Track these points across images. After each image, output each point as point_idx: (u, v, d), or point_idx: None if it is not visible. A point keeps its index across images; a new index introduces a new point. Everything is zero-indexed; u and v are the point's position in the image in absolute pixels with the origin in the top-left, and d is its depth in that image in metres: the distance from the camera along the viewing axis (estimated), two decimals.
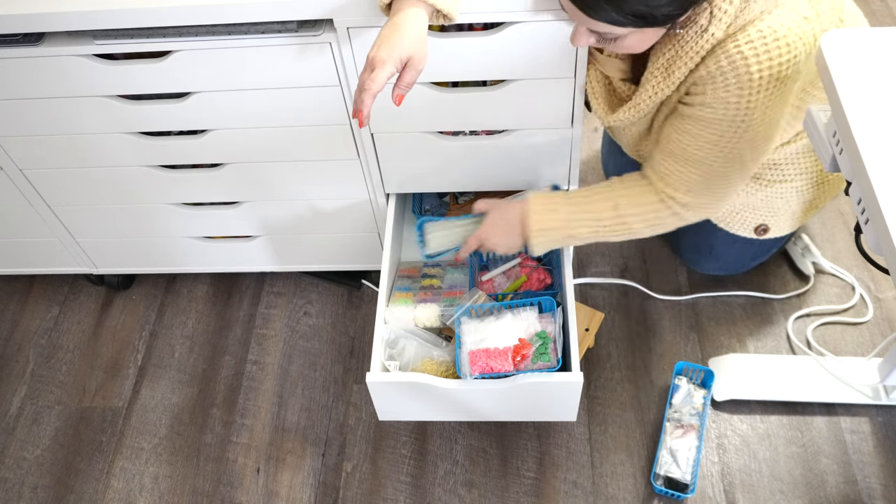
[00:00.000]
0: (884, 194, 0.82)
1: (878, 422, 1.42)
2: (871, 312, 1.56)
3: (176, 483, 1.45)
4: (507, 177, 1.37)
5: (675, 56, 1.03)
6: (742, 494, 1.36)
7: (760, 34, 0.97)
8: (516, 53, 1.12)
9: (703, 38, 0.99)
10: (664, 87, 1.07)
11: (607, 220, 1.20)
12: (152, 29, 1.11)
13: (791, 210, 1.42)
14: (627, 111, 1.15)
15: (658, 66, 1.07)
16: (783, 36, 0.97)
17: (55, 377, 1.63)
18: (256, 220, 1.50)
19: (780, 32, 0.97)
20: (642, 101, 1.11)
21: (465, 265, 1.44)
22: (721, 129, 1.06)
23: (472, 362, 1.19)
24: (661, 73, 1.07)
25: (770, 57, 0.98)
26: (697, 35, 0.99)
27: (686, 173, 1.13)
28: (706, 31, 0.98)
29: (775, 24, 0.97)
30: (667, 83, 1.06)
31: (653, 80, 1.08)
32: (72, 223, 1.53)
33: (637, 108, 1.13)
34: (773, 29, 0.97)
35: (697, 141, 1.09)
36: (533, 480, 1.40)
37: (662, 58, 1.05)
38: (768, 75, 0.99)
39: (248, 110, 1.24)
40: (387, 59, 0.93)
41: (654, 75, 1.08)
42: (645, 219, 1.19)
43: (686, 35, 1.01)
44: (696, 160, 1.11)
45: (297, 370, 1.59)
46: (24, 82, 1.20)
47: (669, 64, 1.05)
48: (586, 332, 1.48)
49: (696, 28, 0.99)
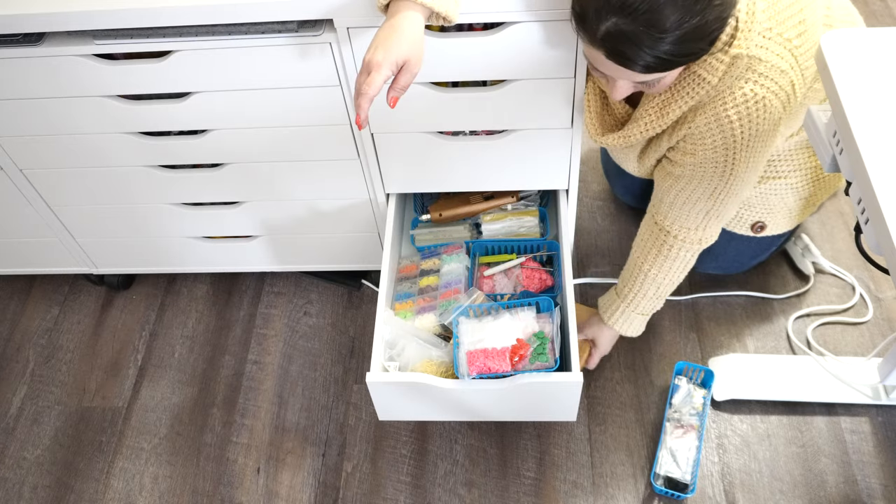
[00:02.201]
0: (884, 194, 0.82)
1: (878, 422, 1.42)
2: (871, 312, 1.56)
3: (176, 483, 1.45)
4: (507, 177, 1.37)
5: (671, 98, 1.08)
6: (742, 494, 1.36)
7: (744, 98, 1.04)
8: (516, 53, 1.12)
9: (699, 84, 1.05)
10: (657, 125, 1.12)
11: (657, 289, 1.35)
12: (152, 29, 1.11)
13: (787, 207, 1.42)
14: (616, 139, 1.19)
15: (653, 105, 1.11)
16: (762, 97, 1.04)
17: (55, 377, 1.63)
18: (256, 220, 1.50)
19: (760, 94, 1.04)
20: (633, 135, 1.16)
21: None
22: (712, 180, 1.15)
23: (470, 362, 1.19)
24: (656, 113, 1.11)
25: (751, 119, 1.06)
26: (694, 82, 1.05)
27: (692, 215, 1.23)
28: (702, 79, 1.04)
29: (756, 86, 1.04)
30: (660, 122, 1.12)
31: (646, 118, 1.12)
32: (72, 223, 1.53)
33: (626, 138, 1.17)
34: (755, 92, 1.04)
35: (692, 189, 1.18)
36: (533, 480, 1.40)
37: (658, 98, 1.10)
38: (749, 135, 1.07)
39: (248, 110, 1.24)
40: (382, 62, 0.93)
41: (647, 113, 1.12)
42: (682, 270, 1.32)
43: (683, 80, 1.06)
44: (696, 203, 1.21)
45: (297, 370, 1.59)
46: (25, 82, 1.20)
47: (665, 105, 1.10)
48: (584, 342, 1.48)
49: (693, 76, 1.04)
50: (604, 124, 1.21)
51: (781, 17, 1.03)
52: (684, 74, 1.05)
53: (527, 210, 1.47)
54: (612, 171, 1.73)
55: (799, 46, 1.05)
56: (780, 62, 1.04)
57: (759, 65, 1.03)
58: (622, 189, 1.73)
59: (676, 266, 1.30)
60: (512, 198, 1.47)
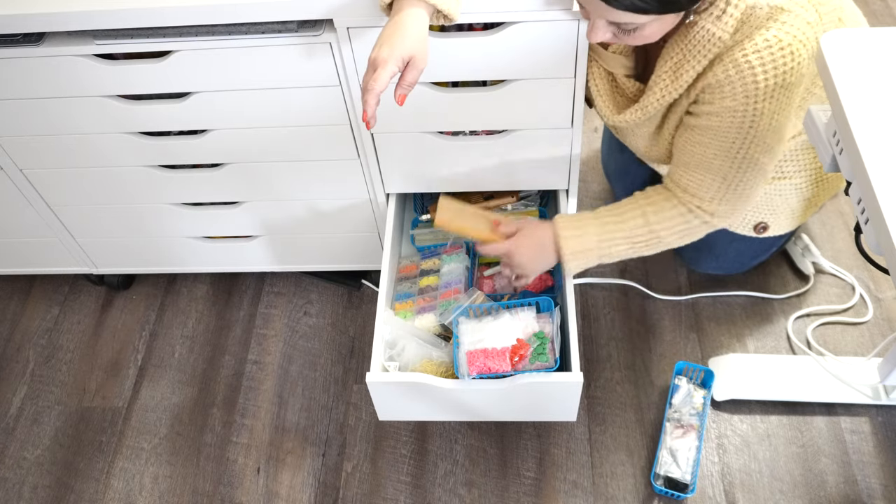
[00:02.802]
0: (884, 194, 0.82)
1: (878, 422, 1.42)
2: (871, 312, 1.56)
3: (176, 483, 1.45)
4: (507, 177, 1.37)
5: (683, 59, 1.04)
6: (742, 494, 1.36)
7: (767, 43, 0.99)
8: (516, 53, 1.12)
9: (710, 41, 1.01)
10: (672, 89, 1.08)
11: (640, 235, 1.21)
12: (152, 29, 1.11)
13: (790, 208, 1.42)
14: (634, 112, 1.15)
15: (666, 70, 1.07)
16: (788, 44, 0.99)
17: (55, 377, 1.63)
18: (256, 220, 1.50)
19: (786, 41, 0.99)
20: (650, 104, 1.12)
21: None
22: (731, 136, 1.07)
23: (470, 362, 1.19)
24: (670, 76, 1.07)
25: (776, 66, 1.00)
26: (704, 39, 1.01)
27: (706, 182, 1.14)
28: (713, 35, 1.00)
29: (780, 32, 0.99)
30: (675, 85, 1.07)
31: (661, 83, 1.09)
32: (72, 223, 1.53)
33: (644, 109, 1.13)
34: (779, 38, 0.98)
35: (710, 150, 1.10)
36: (533, 480, 1.40)
37: (671, 61, 1.06)
38: (773, 83, 1.01)
39: (248, 110, 1.24)
40: (388, 58, 0.93)
41: (661, 78, 1.09)
42: (676, 230, 1.20)
43: (694, 38, 1.02)
44: (713, 168, 1.12)
45: (297, 370, 1.59)
46: (25, 82, 1.20)
47: (678, 67, 1.06)
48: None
49: (703, 32, 1.00)
50: (617, 104, 1.19)
51: None
52: (690, 33, 1.01)
53: (527, 210, 1.47)
54: (612, 171, 1.73)
55: (823, 4, 1.02)
56: (806, 14, 1.00)
57: (782, 14, 0.99)
58: (622, 189, 1.72)
59: (675, 232, 1.19)
60: (512, 198, 1.47)
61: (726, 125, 1.07)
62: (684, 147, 1.15)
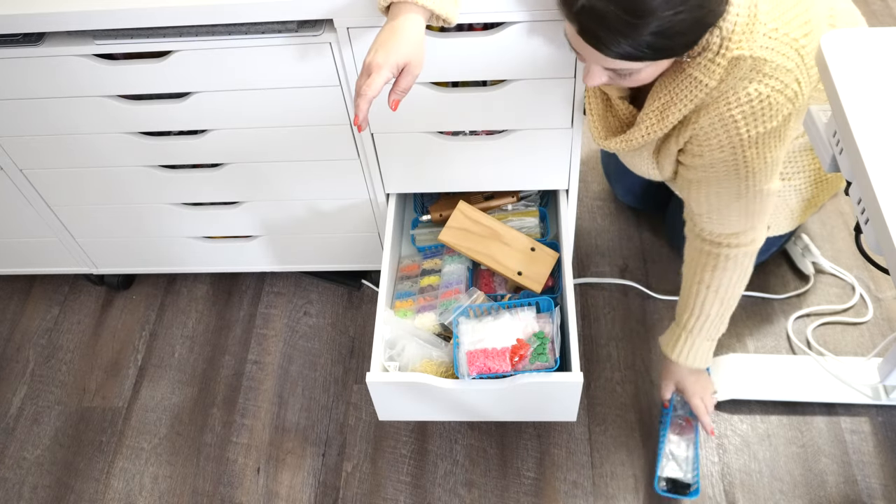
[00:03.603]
0: (884, 194, 0.82)
1: (878, 422, 1.42)
2: (871, 312, 1.56)
3: (176, 483, 1.45)
4: (507, 177, 1.37)
5: (670, 101, 1.07)
6: (742, 494, 1.36)
7: (748, 97, 1.02)
8: (516, 53, 1.12)
9: (697, 87, 1.03)
10: (657, 128, 1.10)
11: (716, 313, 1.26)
12: (152, 29, 1.11)
13: (790, 208, 1.42)
14: (620, 143, 1.17)
15: (653, 109, 1.09)
16: (767, 97, 1.02)
17: (55, 377, 1.63)
18: (256, 220, 1.50)
19: (765, 93, 1.02)
20: (634, 139, 1.14)
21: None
22: (732, 181, 1.11)
23: (470, 362, 1.19)
24: (656, 117, 1.10)
25: (755, 118, 1.03)
26: (692, 85, 1.03)
27: (731, 220, 1.17)
28: (700, 82, 1.02)
29: (760, 86, 1.01)
30: (660, 125, 1.10)
31: (647, 122, 1.11)
32: (72, 223, 1.53)
33: (629, 142, 1.16)
34: (759, 91, 1.02)
35: (723, 197, 1.14)
36: (533, 480, 1.40)
37: (658, 101, 1.08)
38: (755, 133, 1.05)
39: (248, 110, 1.24)
40: (383, 64, 0.93)
41: (648, 117, 1.10)
42: (741, 282, 1.24)
43: (682, 83, 1.04)
44: (732, 209, 1.16)
45: (297, 370, 1.59)
46: (25, 82, 1.20)
47: (664, 108, 1.08)
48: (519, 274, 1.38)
49: (690, 79, 1.03)
50: (608, 127, 1.20)
51: (787, 17, 1.02)
52: (679, 77, 1.04)
53: (527, 210, 1.47)
54: (612, 172, 1.73)
55: (805, 46, 1.04)
56: (786, 62, 1.02)
57: (765, 65, 1.02)
58: (622, 189, 1.73)
59: (737, 276, 1.23)
60: (512, 198, 1.47)
61: (723, 174, 1.11)
62: (697, 198, 1.18)
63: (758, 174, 1.11)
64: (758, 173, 1.11)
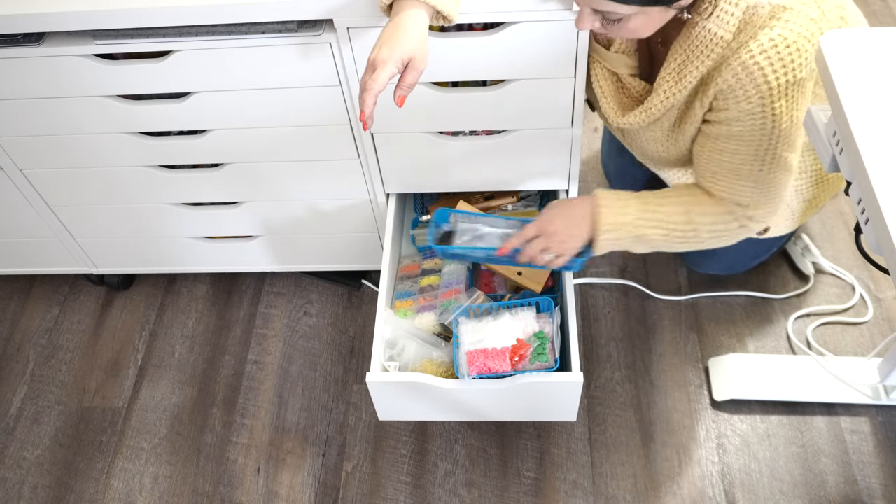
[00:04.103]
0: (884, 194, 0.82)
1: (878, 422, 1.42)
2: (871, 312, 1.56)
3: (176, 483, 1.45)
4: (507, 177, 1.37)
5: (687, 60, 1.04)
6: (742, 494, 1.36)
7: (772, 42, 0.98)
8: (516, 53, 1.12)
9: (713, 41, 1.00)
10: (676, 90, 1.08)
11: (678, 224, 1.17)
12: (152, 29, 1.11)
13: (790, 209, 1.41)
14: (639, 115, 1.14)
15: (670, 71, 1.07)
16: (793, 41, 0.98)
17: (55, 377, 1.63)
18: (256, 220, 1.50)
19: (791, 38, 0.98)
20: (654, 106, 1.11)
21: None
22: (755, 139, 1.06)
23: (470, 362, 1.19)
24: (674, 78, 1.07)
25: (784, 64, 0.99)
26: (707, 39, 1.00)
27: (738, 188, 1.12)
28: (715, 35, 0.99)
29: (784, 30, 0.98)
30: (679, 87, 1.07)
31: (665, 85, 1.08)
32: (72, 223, 1.53)
33: (649, 112, 1.13)
34: (783, 36, 0.98)
35: (738, 157, 1.09)
36: (533, 480, 1.40)
37: (674, 62, 1.06)
38: (785, 81, 1.00)
39: (249, 110, 1.24)
40: (388, 59, 0.93)
41: (665, 80, 1.08)
42: (714, 228, 1.17)
43: (696, 39, 1.01)
44: (743, 174, 1.11)
45: (297, 370, 1.59)
46: (25, 82, 1.20)
47: (681, 68, 1.05)
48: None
49: (704, 32, 1.00)
50: (622, 105, 1.18)
51: None
52: (693, 33, 1.01)
53: (527, 210, 1.47)
54: (612, 172, 1.73)
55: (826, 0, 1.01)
56: (808, 10, 0.99)
57: (785, 12, 0.98)
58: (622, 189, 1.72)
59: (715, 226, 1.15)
60: (512, 198, 1.47)
61: (748, 129, 1.05)
62: (710, 157, 1.13)
63: (783, 134, 1.05)
64: (783, 133, 1.05)
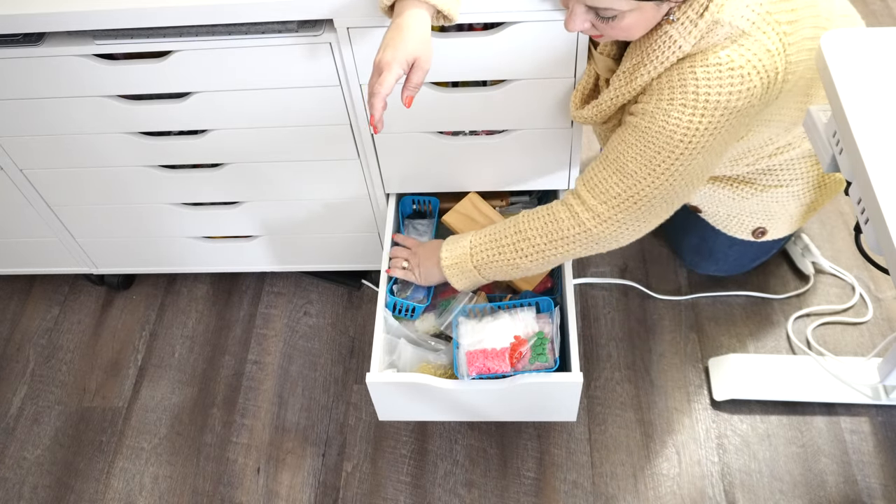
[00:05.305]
0: (884, 194, 0.82)
1: (878, 422, 1.42)
2: (871, 312, 1.56)
3: (176, 483, 1.45)
4: (507, 177, 1.37)
5: (640, 62, 1.02)
6: (742, 494, 1.36)
7: (717, 60, 0.96)
8: (516, 53, 1.12)
9: (671, 48, 0.98)
10: (626, 90, 1.06)
11: (506, 237, 1.17)
12: (152, 29, 1.11)
13: (789, 213, 1.41)
14: (590, 109, 1.13)
15: (624, 70, 1.06)
16: (740, 67, 0.95)
17: (55, 377, 1.63)
18: (256, 220, 1.50)
19: (738, 63, 0.95)
20: (603, 102, 1.10)
21: None
22: (658, 143, 1.01)
23: (470, 363, 1.19)
24: (626, 77, 1.05)
25: (721, 84, 0.96)
26: (665, 45, 0.98)
27: (610, 181, 1.07)
28: (674, 43, 0.97)
29: (734, 54, 0.95)
30: (629, 87, 1.05)
31: (617, 82, 1.07)
32: (72, 223, 1.53)
33: (598, 107, 1.11)
34: (731, 58, 0.95)
35: (631, 151, 1.04)
36: (533, 480, 1.40)
37: (629, 62, 1.04)
38: (715, 101, 0.97)
39: (248, 110, 1.24)
40: (393, 61, 0.93)
41: (618, 77, 1.07)
42: (546, 231, 1.13)
43: (655, 42, 0.99)
44: (626, 172, 1.05)
45: (297, 370, 1.59)
46: (25, 82, 1.20)
47: (634, 69, 1.03)
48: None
49: (665, 37, 0.98)
50: (584, 100, 1.17)
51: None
52: (654, 35, 0.99)
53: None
54: None
55: (789, 34, 0.98)
56: (768, 42, 0.96)
57: (743, 38, 0.95)
58: None
59: (540, 221, 1.12)
60: (501, 200, 1.47)
61: (656, 129, 1.00)
62: (610, 142, 1.09)
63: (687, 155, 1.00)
64: (688, 153, 1.00)
